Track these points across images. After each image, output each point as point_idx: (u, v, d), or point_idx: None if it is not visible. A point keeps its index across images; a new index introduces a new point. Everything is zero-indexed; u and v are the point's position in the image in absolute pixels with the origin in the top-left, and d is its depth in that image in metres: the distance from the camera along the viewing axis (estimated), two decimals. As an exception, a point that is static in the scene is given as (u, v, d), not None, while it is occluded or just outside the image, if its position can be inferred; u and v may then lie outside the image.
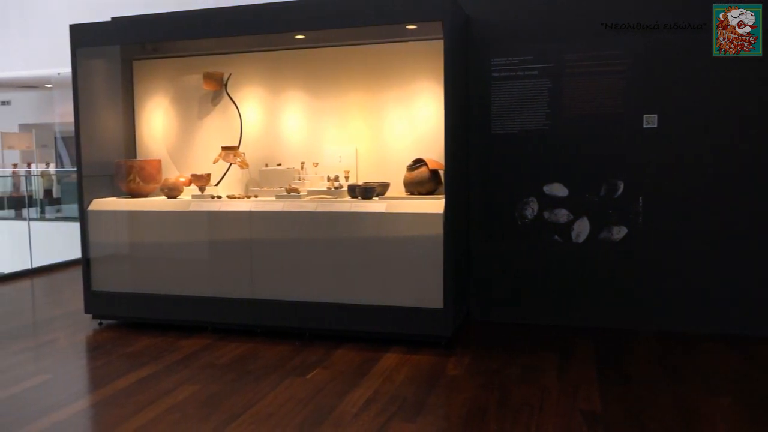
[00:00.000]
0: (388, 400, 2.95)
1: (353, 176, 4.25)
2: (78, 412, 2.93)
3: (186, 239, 4.10)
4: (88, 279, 4.29)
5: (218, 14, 4.04)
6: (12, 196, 11.74)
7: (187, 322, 4.14)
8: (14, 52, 9.58)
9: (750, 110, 3.79)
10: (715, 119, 3.85)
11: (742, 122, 3.82)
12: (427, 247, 3.64)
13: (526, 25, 4.07)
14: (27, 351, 3.81)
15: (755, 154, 3.81)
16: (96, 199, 4.33)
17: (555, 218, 4.12)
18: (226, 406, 2.90)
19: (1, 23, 9.57)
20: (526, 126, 4.12)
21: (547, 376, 3.25)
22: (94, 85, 4.44)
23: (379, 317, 3.75)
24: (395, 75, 4.19)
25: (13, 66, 9.79)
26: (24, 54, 9.54)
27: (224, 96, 4.54)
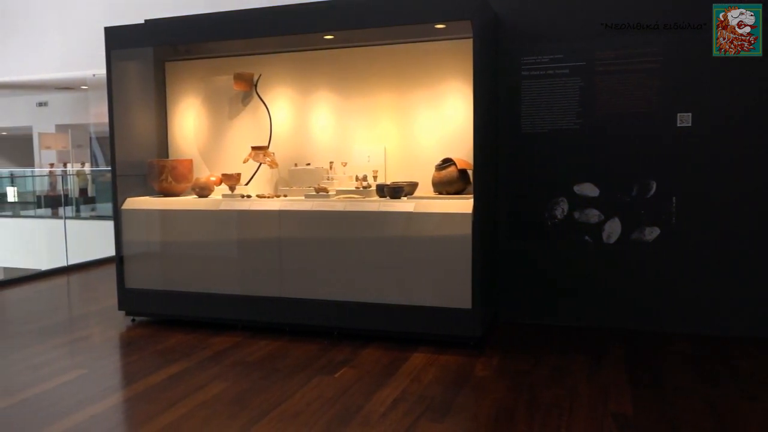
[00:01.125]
0: (416, 400, 2.95)
1: (381, 176, 4.26)
2: (112, 406, 2.99)
3: (216, 238, 4.15)
4: (121, 276, 4.38)
5: (248, 15, 4.08)
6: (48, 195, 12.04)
7: (217, 320, 4.20)
8: (52, 54, 9.82)
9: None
10: (752, 118, 3.76)
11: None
12: (455, 247, 3.62)
13: (557, 23, 4.03)
14: (63, 346, 3.91)
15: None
16: (129, 198, 4.41)
17: (586, 218, 4.07)
18: (255, 404, 2.93)
19: (40, 27, 9.82)
20: (556, 125, 4.07)
21: (576, 378, 3.22)
22: (128, 86, 4.52)
23: (407, 317, 3.75)
24: (424, 74, 4.19)
25: (51, 68, 10.03)
26: (61, 56, 9.76)
27: (254, 96, 4.59)
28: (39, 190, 12.47)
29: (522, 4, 4.10)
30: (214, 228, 4.16)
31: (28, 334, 4.17)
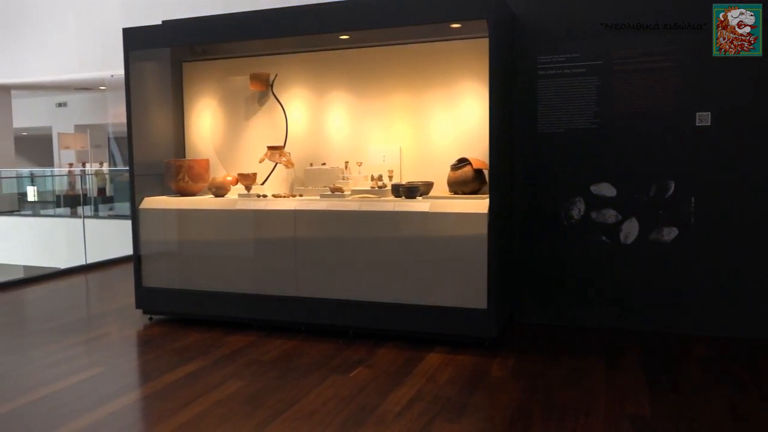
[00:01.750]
0: (432, 400, 2.94)
1: (397, 175, 4.26)
2: (129, 404, 3.02)
3: (232, 237, 4.18)
4: (139, 275, 4.42)
5: (265, 16, 4.09)
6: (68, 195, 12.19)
7: (233, 319, 4.22)
8: (71, 55, 9.94)
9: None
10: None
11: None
12: (471, 247, 3.61)
13: (574, 21, 4.00)
14: (81, 344, 3.95)
15: (816, 153, 3.65)
16: (147, 197, 4.45)
17: (602, 219, 4.04)
18: (270, 402, 2.95)
19: (60, 28, 9.94)
20: (573, 125, 4.04)
21: (593, 379, 3.19)
22: (146, 86, 4.56)
23: (422, 317, 3.74)
24: (439, 74, 4.18)
25: (70, 69, 10.15)
26: (80, 57, 9.88)
27: (270, 96, 4.61)
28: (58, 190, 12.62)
29: (539, 2, 4.08)
30: (230, 227, 4.18)
31: (47, 332, 4.22)
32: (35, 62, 10.34)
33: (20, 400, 3.03)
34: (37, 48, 10.23)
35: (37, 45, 10.21)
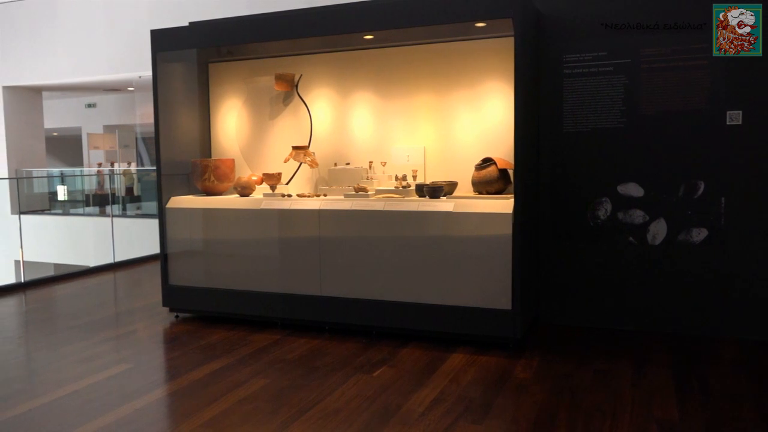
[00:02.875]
0: (455, 401, 2.93)
1: (421, 175, 4.25)
2: (156, 400, 3.06)
3: (257, 236, 4.21)
4: (165, 273, 4.47)
5: (289, 16, 4.12)
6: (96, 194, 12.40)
7: (257, 317, 4.26)
8: (100, 57, 10.10)
9: None
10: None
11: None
12: (495, 248, 3.59)
13: (600, 19, 3.95)
14: (110, 341, 4.02)
15: None
16: (174, 197, 4.51)
17: (630, 219, 3.98)
18: (294, 401, 2.96)
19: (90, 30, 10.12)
20: (599, 124, 4.00)
21: (620, 382, 3.15)
22: (173, 87, 4.62)
23: (445, 317, 3.73)
24: (464, 73, 4.16)
25: (99, 70, 10.32)
26: (109, 58, 10.04)
27: (295, 97, 4.63)
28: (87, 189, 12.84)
29: (565, 0, 4.03)
30: (255, 227, 4.22)
31: (76, 329, 4.30)
32: (66, 64, 10.54)
33: (52, 395, 3.09)
34: (68, 50, 10.42)
35: (68, 47, 10.41)
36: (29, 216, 10.81)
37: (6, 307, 5.08)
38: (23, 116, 11.63)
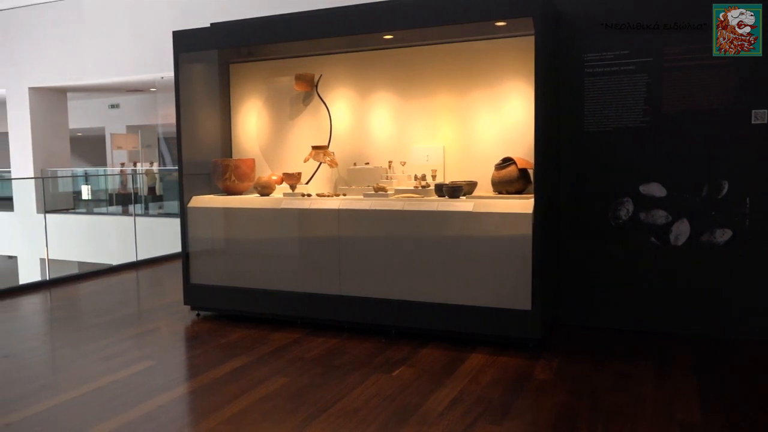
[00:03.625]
0: (474, 401, 2.92)
1: (440, 175, 4.24)
2: (178, 397, 3.10)
3: (277, 236, 4.24)
4: (187, 272, 4.52)
5: (309, 17, 4.14)
6: (119, 193, 12.57)
7: (278, 316, 4.28)
8: (123, 58, 10.24)
9: None
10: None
11: None
12: (515, 248, 3.57)
13: (622, 17, 3.90)
14: (133, 338, 4.08)
15: None
16: (195, 196, 4.56)
17: (652, 219, 3.94)
18: (314, 399, 2.98)
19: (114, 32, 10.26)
20: (621, 123, 3.96)
21: (641, 384, 3.12)
22: (194, 88, 4.67)
23: (465, 317, 3.72)
24: (484, 72, 4.15)
25: (123, 71, 10.46)
26: (132, 59, 10.17)
27: (315, 97, 4.65)
28: (111, 189, 13.02)
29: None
30: (275, 226, 4.24)
31: (100, 326, 4.37)
32: (90, 65, 10.70)
33: (76, 391, 3.14)
34: (93, 51, 10.58)
35: (92, 49, 10.57)
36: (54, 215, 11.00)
37: (32, 304, 5.17)
38: (49, 117, 11.83)
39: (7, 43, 11.58)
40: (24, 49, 11.41)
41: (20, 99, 11.59)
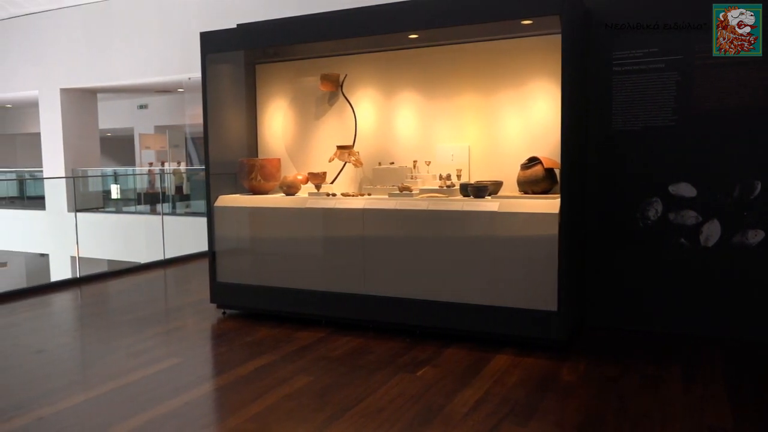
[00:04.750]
0: (499, 402, 2.90)
1: (465, 175, 4.22)
2: (204, 394, 3.14)
3: (303, 235, 4.26)
4: (213, 271, 4.57)
5: (335, 17, 4.15)
6: (148, 193, 12.75)
7: (302, 315, 4.30)
8: (152, 59, 10.39)
9: None
10: None
11: None
12: (541, 248, 3.54)
13: (651, 14, 3.84)
14: (160, 335, 4.13)
15: None
16: (221, 195, 4.60)
17: (681, 220, 3.87)
18: (338, 398, 2.99)
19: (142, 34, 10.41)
20: (650, 122, 3.89)
21: (670, 387, 3.06)
22: (221, 88, 4.72)
23: (490, 318, 3.70)
24: (510, 71, 4.11)
25: (151, 72, 10.61)
26: (160, 61, 10.31)
27: (340, 96, 4.67)
28: (139, 188, 13.21)
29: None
30: (300, 225, 4.27)
31: (128, 323, 4.44)
32: (120, 66, 10.88)
33: (105, 386, 3.20)
34: (122, 53, 10.75)
35: (121, 50, 10.74)
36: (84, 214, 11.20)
37: (63, 301, 5.28)
38: (79, 117, 12.06)
39: (39, 45, 11.83)
40: (55, 52, 11.65)
41: (52, 100, 11.84)
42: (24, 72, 12.17)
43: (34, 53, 11.95)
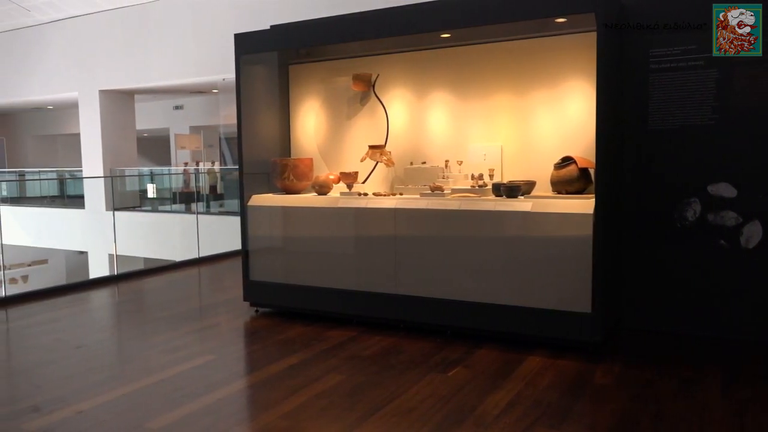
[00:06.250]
0: (532, 405, 2.87)
1: (498, 174, 4.19)
2: (237, 391, 3.18)
3: (334, 234, 4.28)
4: (246, 269, 4.62)
5: (367, 17, 4.16)
6: (183, 192, 12.97)
7: (334, 314, 4.33)
8: (188, 60, 10.57)
9: None
10: None
11: None
12: (575, 249, 3.49)
13: (689, 11, 3.76)
14: (194, 333, 4.20)
15: None
16: (255, 195, 4.65)
17: (721, 221, 3.78)
18: (369, 397, 2.99)
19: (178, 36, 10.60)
20: (688, 121, 3.81)
21: (708, 392, 2.99)
22: (255, 89, 4.77)
23: (522, 318, 3.66)
24: (543, 70, 4.06)
25: (186, 73, 10.79)
26: (195, 62, 10.48)
27: (372, 96, 4.67)
28: (174, 187, 13.44)
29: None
30: (332, 225, 4.29)
31: (164, 320, 4.52)
32: (156, 68, 11.09)
33: (142, 382, 3.26)
34: (158, 55, 10.96)
35: (158, 52, 10.95)
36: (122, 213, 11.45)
37: (101, 297, 5.41)
38: (117, 118, 12.34)
39: (80, 48, 12.14)
40: (94, 54, 11.94)
41: (91, 101, 12.13)
42: (65, 74, 12.52)
43: (75, 56, 12.28)
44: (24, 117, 19.15)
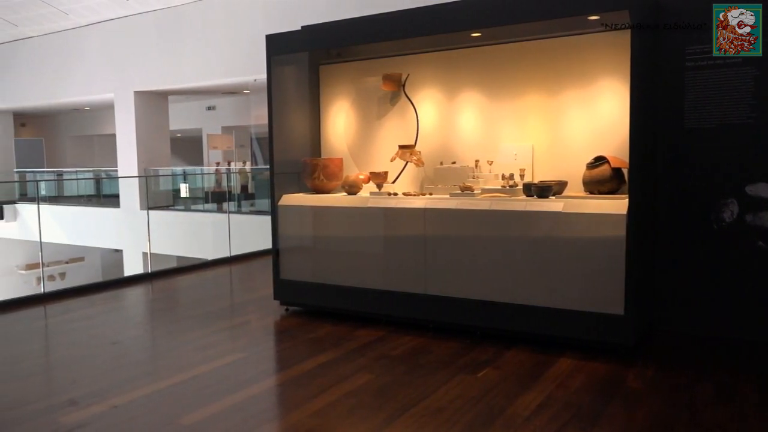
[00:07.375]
0: (562, 407, 2.84)
1: (529, 174, 4.15)
2: (267, 389, 3.21)
3: (364, 234, 4.29)
4: (277, 268, 4.66)
5: (396, 17, 4.16)
6: (215, 191, 13.14)
7: (363, 313, 4.33)
8: (219, 62, 10.70)
9: None
10: None
11: None
12: (607, 250, 3.44)
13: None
14: (226, 330, 4.25)
15: None
16: (285, 194, 4.69)
17: (759, 222, 3.68)
18: (398, 397, 2.99)
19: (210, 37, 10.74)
20: (726, 119, 3.72)
21: (746, 398, 2.92)
22: (286, 89, 4.81)
23: (553, 320, 3.62)
24: (576, 68, 4.01)
25: (218, 74, 10.93)
26: (227, 63, 10.61)
27: (402, 96, 4.67)
28: (206, 187, 13.63)
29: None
30: (362, 224, 4.30)
31: (196, 318, 4.59)
32: (189, 69, 11.26)
33: (174, 378, 3.32)
34: (191, 57, 11.12)
35: (191, 54, 11.11)
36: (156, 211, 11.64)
37: (135, 295, 5.51)
38: (152, 119, 12.56)
39: (116, 51, 12.39)
40: (129, 56, 12.17)
41: (126, 102, 12.37)
42: (101, 76, 12.78)
43: (111, 58, 12.53)
44: (62, 118, 19.63)
